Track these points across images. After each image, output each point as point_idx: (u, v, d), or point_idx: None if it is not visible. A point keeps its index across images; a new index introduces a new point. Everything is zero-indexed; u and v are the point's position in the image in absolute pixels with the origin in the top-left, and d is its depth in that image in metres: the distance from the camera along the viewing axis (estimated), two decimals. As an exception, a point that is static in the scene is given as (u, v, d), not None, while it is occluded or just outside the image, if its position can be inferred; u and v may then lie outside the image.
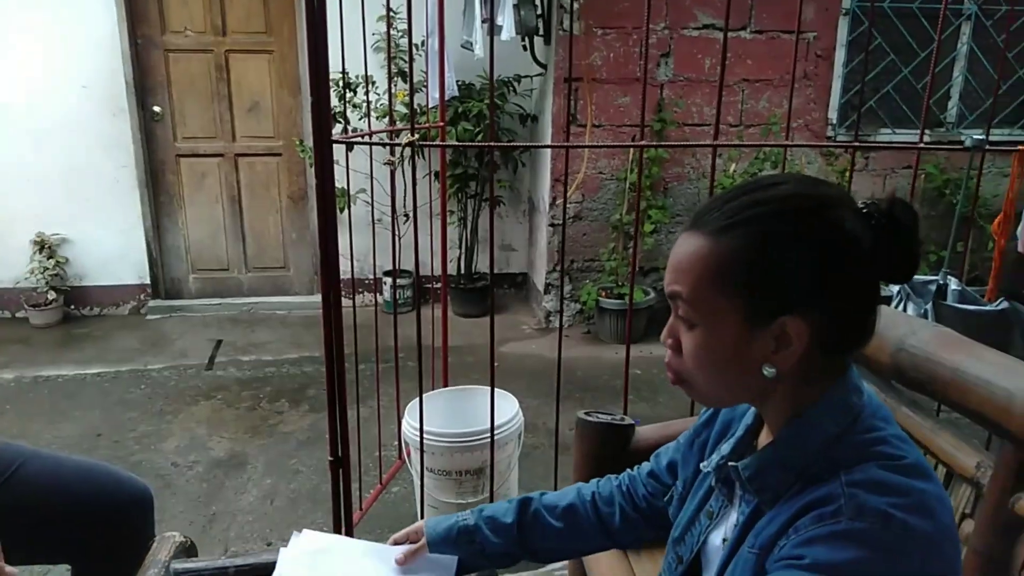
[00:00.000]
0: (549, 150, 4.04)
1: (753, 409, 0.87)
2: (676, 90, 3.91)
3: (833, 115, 4.06)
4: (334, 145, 1.65)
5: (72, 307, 4.41)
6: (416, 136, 1.63)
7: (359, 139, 1.97)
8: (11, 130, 4.09)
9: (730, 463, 0.83)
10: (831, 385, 0.76)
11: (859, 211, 0.74)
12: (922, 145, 1.70)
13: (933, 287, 1.92)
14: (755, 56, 3.87)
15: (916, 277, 2.00)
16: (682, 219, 4.07)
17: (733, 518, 0.86)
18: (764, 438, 0.86)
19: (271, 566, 1.18)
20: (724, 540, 0.86)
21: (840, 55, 3.97)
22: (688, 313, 0.76)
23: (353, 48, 2.16)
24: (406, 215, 2.07)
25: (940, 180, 4.04)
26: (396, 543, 1.08)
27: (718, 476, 0.87)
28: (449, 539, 1.04)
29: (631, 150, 3.79)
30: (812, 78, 3.96)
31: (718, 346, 0.75)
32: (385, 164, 1.94)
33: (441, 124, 2.64)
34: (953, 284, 1.92)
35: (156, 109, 4.35)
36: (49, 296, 4.23)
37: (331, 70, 1.65)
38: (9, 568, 1.14)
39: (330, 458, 1.78)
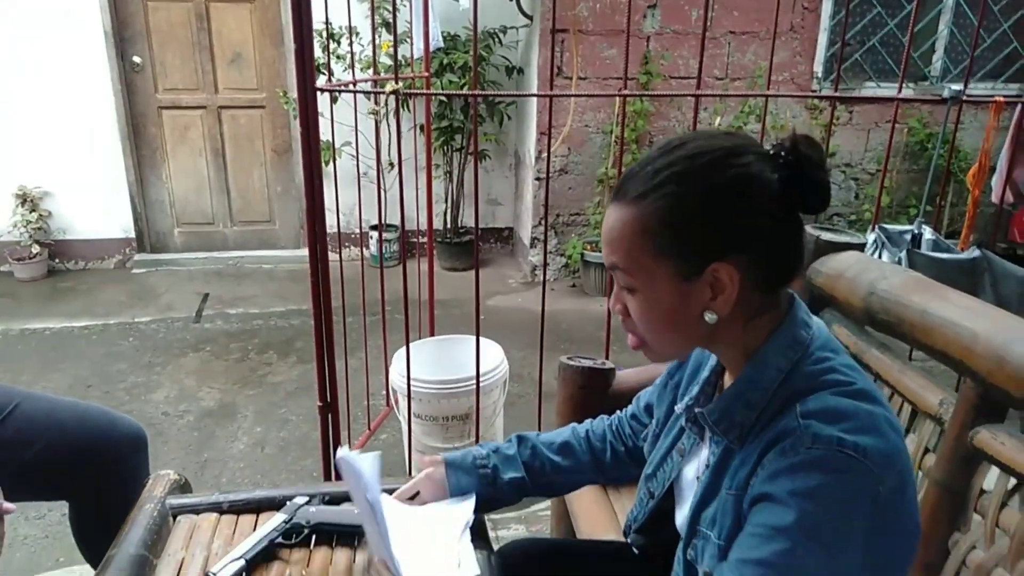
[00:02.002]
0: (535, 103, 4.02)
1: None
2: (663, 42, 3.89)
3: (819, 68, 4.05)
4: (318, 97, 1.66)
5: (57, 261, 4.39)
6: (400, 85, 1.63)
7: (344, 88, 1.96)
8: (-11, 81, 4.02)
9: (696, 409, 0.87)
10: (778, 321, 0.80)
11: (765, 154, 0.77)
12: (900, 97, 1.72)
13: (908, 236, 1.96)
14: (742, 8, 3.85)
15: (893, 227, 2.05)
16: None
17: (704, 455, 0.90)
18: (727, 380, 0.90)
19: (263, 501, 1.23)
20: (698, 478, 0.90)
21: (827, 7, 3.95)
22: (627, 280, 0.80)
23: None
24: (391, 164, 2.08)
25: (923, 134, 4.06)
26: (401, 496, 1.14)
27: (688, 417, 0.92)
28: (464, 465, 1.11)
29: (617, 103, 3.78)
30: (798, 31, 3.95)
31: (659, 305, 0.79)
32: (370, 115, 1.94)
33: (426, 75, 2.62)
34: (928, 233, 1.97)
35: (136, 60, 4.28)
36: (33, 250, 4.21)
37: (314, 21, 1.64)
38: (7, 504, 1.18)
39: (319, 403, 1.83)
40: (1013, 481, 1.14)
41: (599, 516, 1.46)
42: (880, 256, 1.93)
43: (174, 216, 4.60)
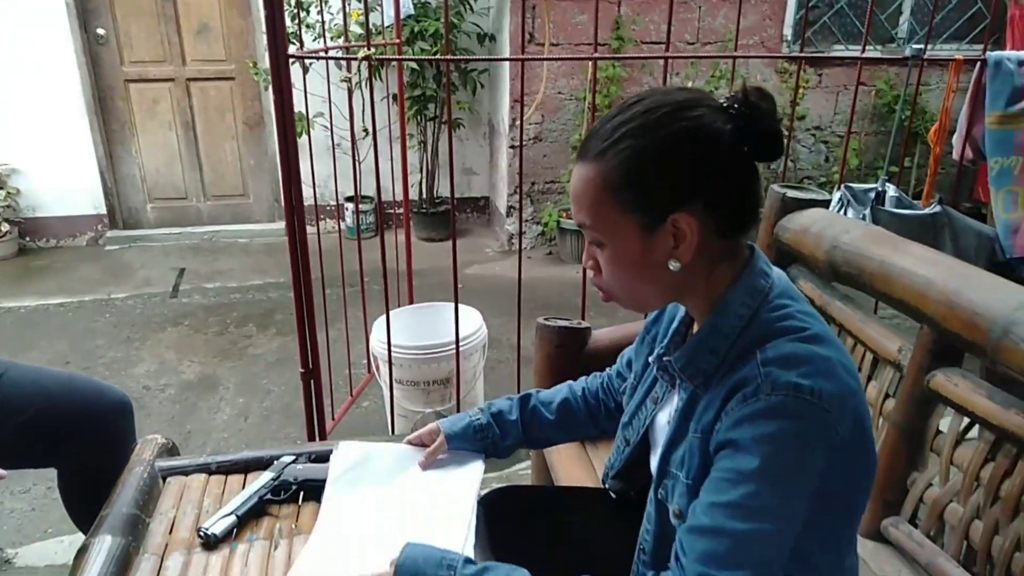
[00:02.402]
0: (508, 71, 4.01)
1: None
2: (634, 7, 3.89)
3: (788, 31, 4.09)
4: (290, 67, 1.66)
5: (28, 239, 4.34)
6: (373, 51, 1.64)
7: (316, 56, 1.96)
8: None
9: (665, 358, 0.92)
10: (739, 270, 0.85)
11: (718, 106, 0.81)
12: (863, 56, 1.76)
13: (873, 194, 2.02)
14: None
15: (857, 186, 2.10)
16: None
17: (675, 402, 0.95)
18: (695, 329, 0.94)
19: (251, 462, 1.26)
20: (669, 423, 0.95)
21: (796, -30, 3.97)
22: (594, 236, 0.84)
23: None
24: (365, 131, 2.08)
25: (890, 96, 4.13)
26: (410, 443, 1.18)
27: (659, 366, 0.96)
28: (466, 436, 1.16)
29: (589, 70, 3.79)
30: (768, -5, 3.97)
31: (626, 256, 0.83)
32: (342, 83, 1.94)
33: (397, 41, 2.61)
34: (891, 191, 2.02)
35: (100, 31, 4.19)
36: (2, 228, 4.15)
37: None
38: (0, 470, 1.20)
39: (301, 370, 1.86)
40: (966, 421, 1.21)
41: (577, 468, 1.51)
42: (845, 214, 1.99)
43: (146, 191, 4.55)
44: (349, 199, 4.30)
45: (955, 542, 1.21)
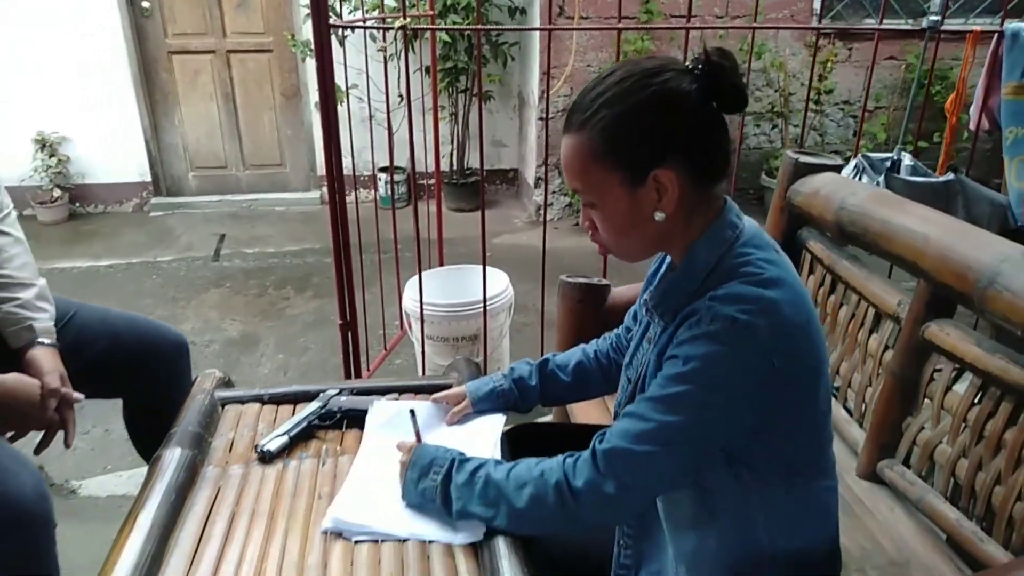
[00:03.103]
0: (537, 44, 4.09)
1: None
2: (662, -19, 3.93)
3: (817, 4, 4.10)
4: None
5: (77, 205, 4.55)
6: (408, 20, 1.75)
7: (355, 24, 2.07)
8: (3, 29, 4.10)
9: (646, 299, 1.04)
10: (711, 220, 0.95)
11: (683, 69, 0.90)
12: (881, 27, 1.82)
13: (888, 163, 2.08)
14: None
15: (874, 155, 2.16)
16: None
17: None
18: None
19: (300, 394, 1.40)
20: None
21: (826, -57, 3.98)
22: (587, 197, 0.95)
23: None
24: (400, 97, 2.20)
25: (921, 70, 4.11)
26: (437, 401, 1.31)
27: (645, 308, 1.07)
28: (490, 399, 1.28)
29: (619, 43, 3.85)
30: (798, -32, 3.98)
31: (617, 212, 0.94)
32: (379, 51, 2.05)
33: (431, 13, 2.71)
34: (906, 160, 2.08)
35: (145, 4, 4.35)
36: (55, 194, 4.36)
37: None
38: (76, 393, 1.35)
39: (339, 321, 1.99)
40: (957, 368, 1.30)
41: (593, 409, 1.64)
42: (861, 180, 2.06)
43: (188, 160, 4.73)
44: (383, 169, 4.43)
45: (943, 480, 1.31)
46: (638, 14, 3.92)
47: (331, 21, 1.82)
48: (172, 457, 1.17)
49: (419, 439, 1.15)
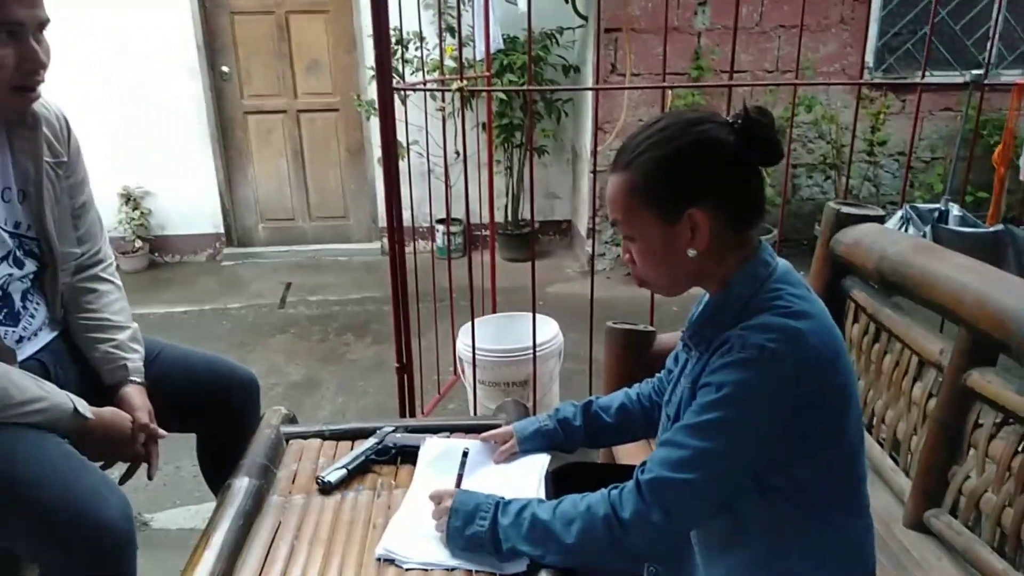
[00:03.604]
0: (590, 101, 4.22)
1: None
2: (714, 38, 4.05)
3: (870, 58, 4.13)
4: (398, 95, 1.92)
5: (156, 254, 4.85)
6: (465, 83, 1.88)
7: (416, 87, 2.22)
8: (96, 90, 4.45)
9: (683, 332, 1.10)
10: (745, 259, 1.02)
11: (723, 122, 0.99)
12: (923, 82, 1.87)
13: (936, 214, 2.09)
14: (792, 2, 3.97)
15: (922, 205, 2.18)
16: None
17: None
18: None
19: (358, 431, 1.49)
20: None
21: (877, -1, 4.04)
22: (627, 231, 1.04)
23: (406, 6, 2.39)
24: (457, 153, 2.33)
25: (967, 122, 4.10)
26: (485, 440, 1.38)
27: (684, 342, 1.14)
28: (535, 439, 1.34)
29: (670, 98, 3.96)
30: (848, 22, 4.04)
31: (653, 246, 1.02)
32: (437, 111, 2.20)
33: (487, 74, 2.87)
34: (955, 210, 2.09)
35: (224, 69, 4.68)
36: (136, 244, 4.66)
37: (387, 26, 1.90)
38: (160, 430, 1.48)
39: (396, 364, 2.09)
40: (1001, 416, 1.31)
41: (638, 450, 1.68)
42: (906, 231, 2.08)
43: (258, 212, 5.00)
44: (441, 221, 4.59)
45: (989, 529, 1.30)
46: (689, 70, 4.03)
47: (394, 84, 1.97)
48: (241, 486, 1.27)
49: (458, 484, 1.19)
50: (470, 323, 2.32)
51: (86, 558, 1.16)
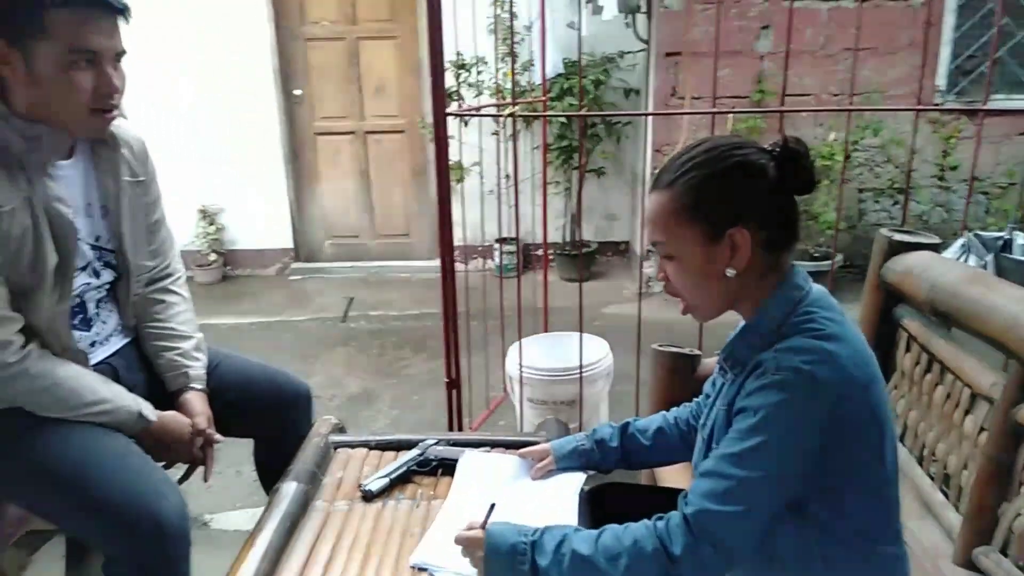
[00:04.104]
0: (651, 123, 4.24)
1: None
2: (777, 61, 4.01)
3: (941, 82, 4.02)
4: (450, 121, 1.99)
5: (229, 268, 5.07)
6: (517, 108, 1.94)
7: (469, 113, 2.30)
8: (178, 114, 4.73)
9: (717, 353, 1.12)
10: (778, 282, 1.03)
11: (762, 149, 1.02)
12: (985, 108, 1.83)
13: (1000, 242, 2.02)
14: (860, 25, 3.90)
15: (985, 233, 2.12)
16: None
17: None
18: None
19: (402, 442, 1.55)
20: None
21: (949, 20, 3.93)
22: (666, 250, 1.06)
23: (470, 32, 2.47)
24: (507, 176, 2.38)
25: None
26: (523, 456, 1.41)
27: (720, 365, 1.15)
28: (572, 458, 1.37)
29: (730, 121, 3.94)
30: (918, 46, 3.94)
31: (692, 265, 1.04)
32: (492, 135, 2.26)
33: (543, 99, 2.93)
34: (1020, 239, 2.02)
35: (296, 92, 4.89)
36: (210, 258, 4.89)
37: (449, 51, 1.97)
38: (217, 435, 1.56)
39: (446, 379, 2.15)
40: (1053, 453, 1.26)
41: (680, 474, 1.68)
42: (967, 260, 2.02)
43: (325, 230, 5.18)
44: (499, 241, 4.67)
45: (1039, 569, 1.26)
46: (751, 93, 4.01)
47: (449, 110, 2.05)
48: (289, 490, 1.34)
49: (483, 527, 1.10)
50: (519, 342, 2.36)
51: (144, 549, 1.24)
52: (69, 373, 1.32)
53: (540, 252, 4.40)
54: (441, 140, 1.98)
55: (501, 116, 2.06)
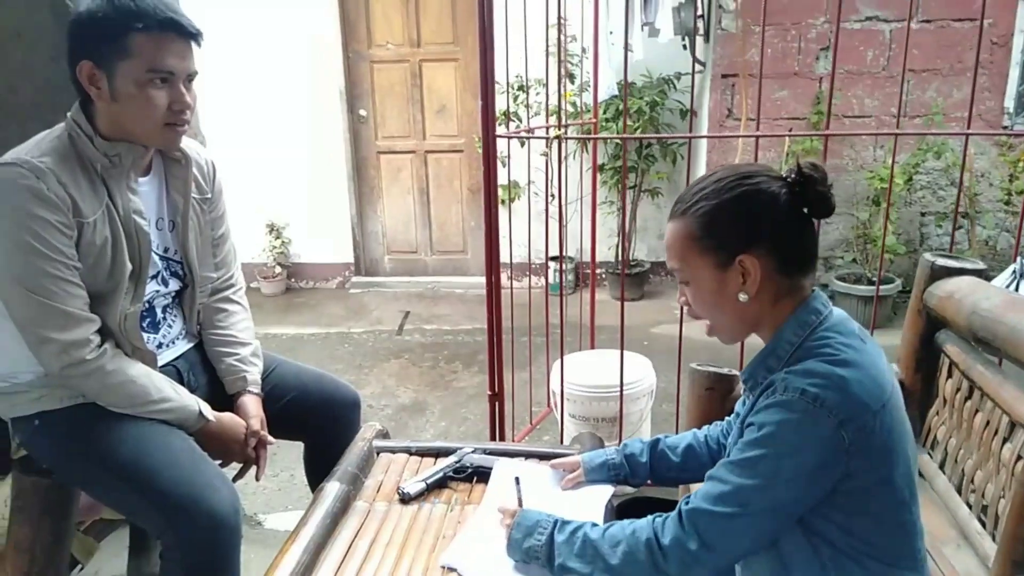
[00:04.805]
0: (704, 144, 4.25)
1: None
2: (836, 82, 3.97)
3: (1009, 104, 3.91)
4: (508, 141, 2.07)
5: (292, 280, 5.28)
6: (562, 131, 2.00)
7: (516, 135, 2.37)
8: (252, 134, 4.97)
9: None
10: (796, 306, 1.07)
11: (776, 175, 1.05)
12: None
13: (1057, 269, 1.97)
14: (922, 46, 3.84)
15: (1042, 260, 2.06)
16: (839, 209, 4.13)
17: None
18: None
19: (441, 449, 1.62)
20: None
21: (1018, 41, 3.82)
22: (682, 275, 1.11)
23: (530, 54, 2.55)
24: (552, 196, 2.45)
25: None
26: (554, 467, 1.47)
27: (742, 385, 1.18)
28: (601, 471, 1.42)
29: (787, 143, 3.92)
30: (986, 67, 3.85)
31: (707, 290, 1.09)
32: (541, 155, 2.33)
33: (593, 121, 2.99)
34: (1076, 267, 1.96)
35: (362, 113, 5.09)
36: (276, 270, 5.11)
37: (508, 74, 2.04)
38: (270, 437, 1.66)
39: (489, 392, 2.21)
40: (1092, 484, 1.24)
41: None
42: (1017, 287, 1.97)
43: (385, 245, 5.35)
44: (554, 259, 4.73)
45: (1076, 603, 1.24)
46: (808, 115, 3.98)
47: (501, 132, 2.13)
48: (332, 490, 1.43)
49: (520, 504, 1.28)
50: (566, 357, 2.41)
51: (196, 538, 1.34)
52: (139, 372, 1.44)
53: (591, 271, 4.44)
54: (489, 161, 2.06)
55: (547, 138, 2.13)
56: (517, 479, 1.32)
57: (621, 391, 2.26)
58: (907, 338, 1.78)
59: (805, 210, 1.06)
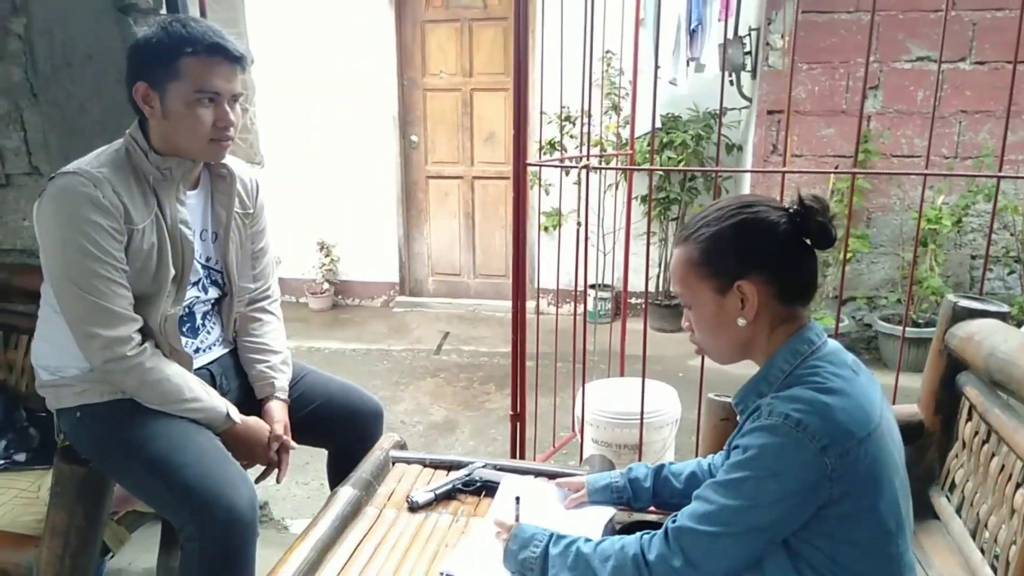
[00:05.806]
0: (748, 179, 4.25)
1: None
2: (884, 122, 3.94)
3: (1066, 145, 3.81)
4: (551, 170, 2.13)
5: (339, 297, 5.44)
6: (591, 161, 2.06)
7: (546, 163, 2.44)
8: (307, 155, 5.17)
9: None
10: (791, 335, 1.10)
11: (776, 206, 1.09)
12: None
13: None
14: (975, 87, 3.79)
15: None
16: (885, 249, 4.06)
17: None
18: None
19: (453, 463, 1.67)
20: None
21: (1077, 84, 3.72)
22: (685, 299, 1.16)
23: (574, 86, 2.63)
24: (578, 223, 2.49)
25: None
26: (559, 486, 1.51)
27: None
28: (604, 493, 1.45)
29: (832, 180, 3.89)
30: (1042, 109, 3.76)
31: (707, 314, 1.13)
32: (574, 184, 2.39)
33: (630, 152, 3.04)
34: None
35: (413, 138, 5.25)
36: (324, 287, 5.27)
37: (557, 104, 2.10)
38: (292, 442, 1.74)
39: (511, 412, 2.26)
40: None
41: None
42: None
43: (429, 267, 5.47)
44: (593, 286, 4.76)
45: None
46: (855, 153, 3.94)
47: (550, 159, 2.20)
48: (345, 494, 1.49)
49: (517, 520, 1.31)
50: (594, 384, 2.45)
51: (215, 531, 1.42)
52: (174, 372, 1.54)
53: (632, 300, 4.46)
54: (519, 188, 2.13)
55: (575, 167, 2.19)
56: (517, 499, 1.36)
57: (642, 419, 2.28)
58: (928, 379, 1.77)
59: (807, 241, 1.10)
